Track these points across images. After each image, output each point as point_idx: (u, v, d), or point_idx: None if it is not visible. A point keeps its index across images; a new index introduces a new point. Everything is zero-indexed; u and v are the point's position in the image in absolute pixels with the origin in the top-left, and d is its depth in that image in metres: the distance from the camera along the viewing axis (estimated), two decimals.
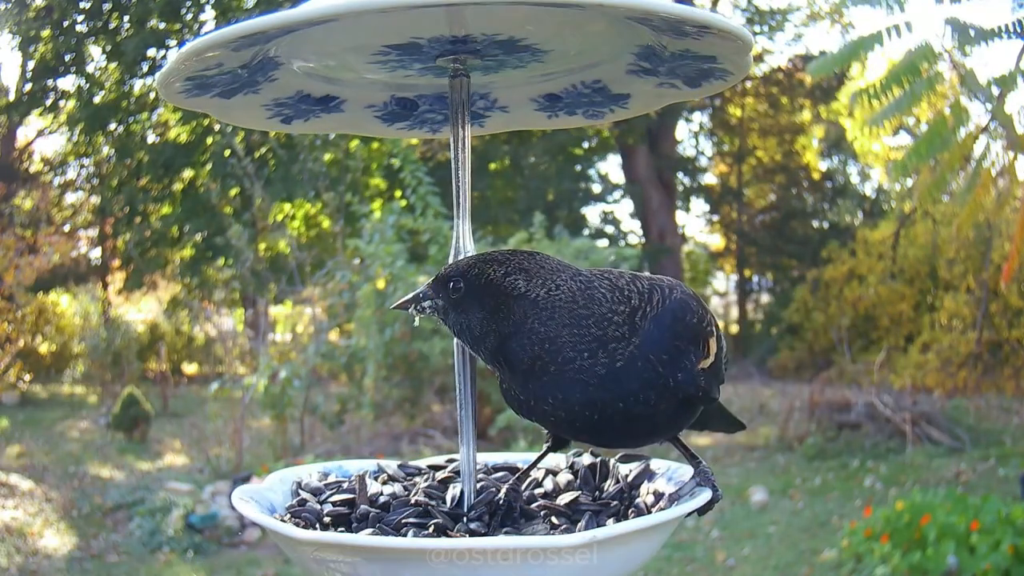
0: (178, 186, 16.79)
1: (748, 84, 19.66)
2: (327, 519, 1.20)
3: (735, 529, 7.25)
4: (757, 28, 18.92)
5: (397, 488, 1.28)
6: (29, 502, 8.22)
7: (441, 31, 1.08)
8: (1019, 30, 4.35)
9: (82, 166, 19.39)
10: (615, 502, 1.25)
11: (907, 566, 5.41)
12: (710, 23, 1.00)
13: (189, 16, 16.70)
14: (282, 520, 1.17)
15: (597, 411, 1.17)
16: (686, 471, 1.28)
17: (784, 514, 7.59)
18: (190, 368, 19.01)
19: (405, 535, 1.14)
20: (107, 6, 16.73)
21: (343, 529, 1.19)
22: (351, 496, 1.24)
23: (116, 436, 11.19)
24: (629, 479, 1.31)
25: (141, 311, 20.39)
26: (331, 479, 1.34)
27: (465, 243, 1.29)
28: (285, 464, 8.13)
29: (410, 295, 1.24)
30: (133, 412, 11.05)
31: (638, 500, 1.24)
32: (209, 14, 16.84)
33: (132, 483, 8.84)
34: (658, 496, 1.24)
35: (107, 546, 7.07)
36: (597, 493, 1.29)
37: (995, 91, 4.61)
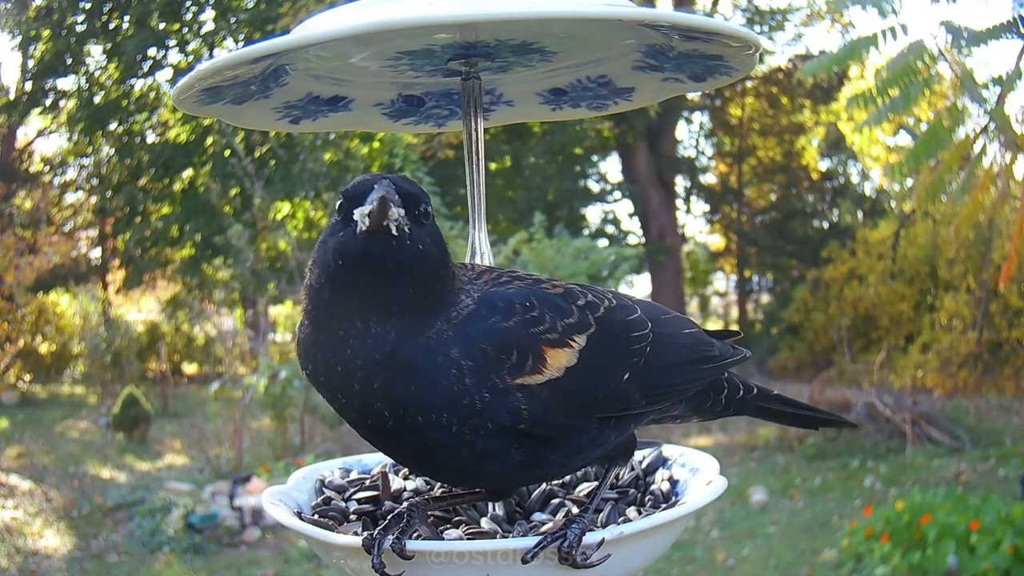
0: (178, 186, 16.79)
1: (748, 84, 19.66)
2: (353, 517, 1.21)
3: (735, 529, 7.25)
4: (757, 28, 18.91)
5: (419, 483, 1.29)
6: (29, 502, 8.22)
7: (455, 39, 1.10)
8: (1019, 30, 4.36)
9: (82, 166, 19.38)
10: (632, 490, 1.26)
11: (907, 566, 5.41)
12: (721, 31, 1.01)
13: (189, 16, 16.70)
14: (319, 523, 1.16)
15: (395, 414, 0.97)
16: (700, 457, 1.28)
17: (784, 514, 7.59)
18: (190, 368, 19.01)
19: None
20: (107, 6, 16.72)
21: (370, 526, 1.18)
22: (375, 493, 1.25)
23: (116, 436, 11.19)
24: (643, 465, 1.31)
25: (141, 311, 20.40)
26: (353, 475, 1.35)
27: (481, 245, 1.31)
28: (285, 464, 8.14)
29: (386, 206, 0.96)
30: (133, 412, 11.04)
31: (653, 487, 1.25)
32: (209, 14, 16.84)
33: (132, 483, 8.84)
34: (673, 482, 1.24)
35: (107, 546, 7.07)
36: (614, 481, 1.28)
37: (994, 91, 4.62)
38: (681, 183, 21.28)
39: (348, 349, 0.97)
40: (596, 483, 1.25)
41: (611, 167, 24.07)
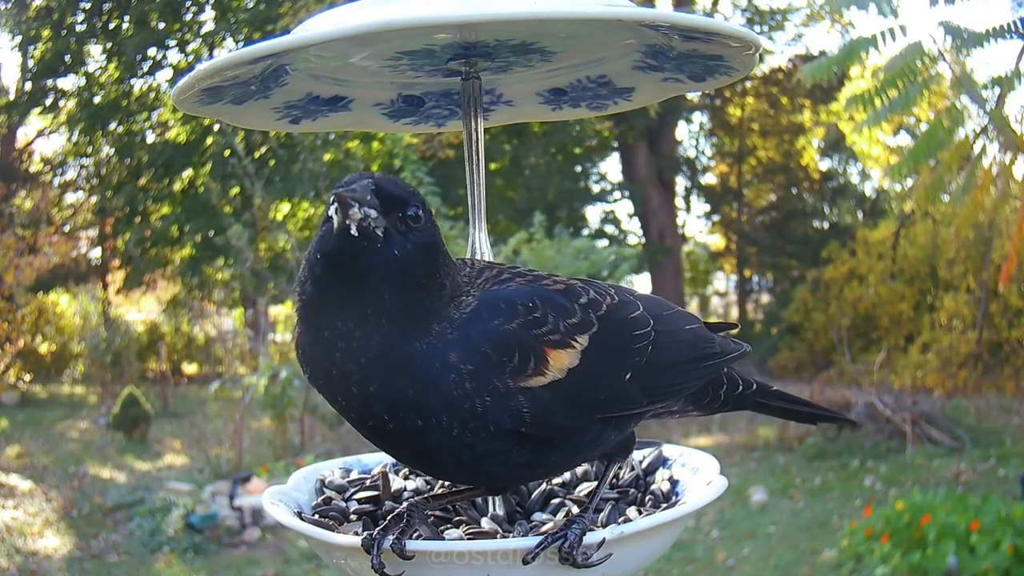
0: (178, 186, 16.79)
1: (748, 84, 19.66)
2: (354, 517, 1.21)
3: (735, 529, 7.25)
4: (757, 28, 18.91)
5: (419, 483, 1.29)
6: (29, 502, 8.22)
7: (455, 39, 1.10)
8: (1019, 30, 4.36)
9: (82, 166, 19.38)
10: (632, 489, 1.26)
11: (907, 566, 5.41)
12: (721, 31, 1.02)
13: (189, 16, 16.70)
14: (320, 523, 1.16)
15: (394, 416, 0.96)
16: (700, 457, 1.27)
17: (784, 514, 7.59)
18: (190, 368, 19.01)
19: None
20: (107, 6, 16.73)
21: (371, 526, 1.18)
22: (375, 493, 1.25)
23: (116, 436, 11.19)
24: (644, 465, 1.30)
25: (141, 311, 20.39)
26: (353, 475, 1.35)
27: (481, 245, 1.31)
28: (285, 464, 8.14)
29: (358, 191, 0.92)
30: (133, 412, 11.04)
31: (654, 487, 1.25)
32: (209, 14, 16.85)
33: (132, 483, 8.84)
34: (673, 482, 1.24)
35: (107, 546, 7.07)
36: (614, 480, 1.28)
37: (994, 91, 4.62)
38: (681, 183, 21.29)
39: (337, 352, 0.95)
40: (596, 483, 1.25)
41: (611, 167, 24.09)
